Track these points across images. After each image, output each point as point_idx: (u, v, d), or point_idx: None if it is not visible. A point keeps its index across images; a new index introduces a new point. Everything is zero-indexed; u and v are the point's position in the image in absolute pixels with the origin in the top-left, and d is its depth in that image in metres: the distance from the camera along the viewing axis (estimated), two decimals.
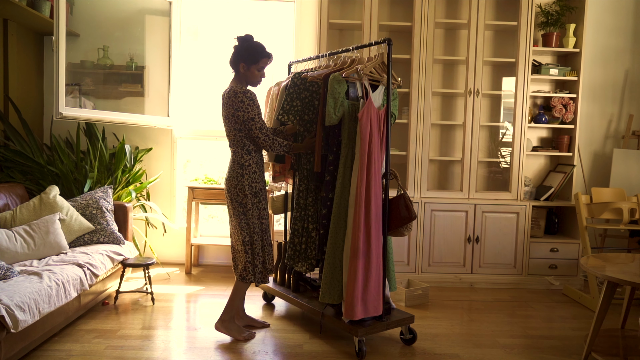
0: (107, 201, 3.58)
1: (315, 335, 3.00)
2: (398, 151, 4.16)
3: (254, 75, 2.85)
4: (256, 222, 2.86)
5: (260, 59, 2.82)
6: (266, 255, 2.92)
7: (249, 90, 2.78)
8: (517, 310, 3.57)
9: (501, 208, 4.06)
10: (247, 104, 2.74)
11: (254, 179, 2.84)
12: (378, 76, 2.83)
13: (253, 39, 2.84)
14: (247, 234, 2.85)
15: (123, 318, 3.18)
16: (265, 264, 2.92)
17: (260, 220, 2.88)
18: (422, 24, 3.99)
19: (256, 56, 2.81)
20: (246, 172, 2.82)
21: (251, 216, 2.85)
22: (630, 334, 2.92)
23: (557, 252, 4.09)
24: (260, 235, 2.88)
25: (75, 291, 2.82)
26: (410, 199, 2.80)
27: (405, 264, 4.04)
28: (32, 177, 3.79)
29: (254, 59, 2.81)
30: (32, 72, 4.09)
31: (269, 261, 2.92)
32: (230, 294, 2.95)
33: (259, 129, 2.78)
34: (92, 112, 3.85)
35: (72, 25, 3.77)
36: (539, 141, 4.47)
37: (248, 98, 2.75)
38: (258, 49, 2.83)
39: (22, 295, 2.37)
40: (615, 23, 4.43)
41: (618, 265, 2.69)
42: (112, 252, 3.34)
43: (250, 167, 2.83)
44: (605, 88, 4.48)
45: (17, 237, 2.98)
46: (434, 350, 2.83)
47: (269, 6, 4.44)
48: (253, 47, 2.82)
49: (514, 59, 4.09)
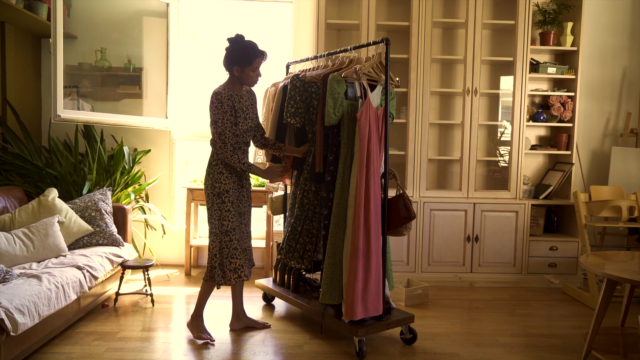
0: (106, 203, 3.58)
1: (315, 335, 3.00)
2: (397, 151, 4.16)
3: (249, 76, 2.78)
4: (215, 223, 2.80)
5: (253, 59, 2.73)
6: (224, 257, 2.82)
7: (220, 93, 2.71)
8: (517, 309, 3.57)
9: (500, 207, 4.06)
10: (215, 106, 2.69)
11: (218, 179, 2.78)
12: (376, 76, 2.83)
13: (244, 39, 2.76)
14: (210, 233, 2.84)
15: (123, 320, 3.18)
16: (223, 266, 2.83)
17: (221, 221, 2.80)
18: (420, 24, 3.99)
19: (249, 58, 2.72)
20: (212, 171, 2.79)
21: (210, 216, 2.81)
22: (630, 332, 2.93)
23: (557, 251, 4.10)
24: (219, 237, 2.81)
25: (74, 294, 2.82)
26: (409, 199, 2.80)
27: (404, 264, 4.04)
28: (30, 179, 3.79)
29: (247, 60, 2.73)
30: (29, 75, 4.09)
31: (227, 264, 2.82)
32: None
33: (218, 134, 2.72)
34: (90, 114, 3.85)
35: (70, 28, 3.76)
36: (538, 140, 4.47)
37: (217, 100, 2.69)
38: (250, 50, 2.73)
39: (21, 298, 2.37)
40: (613, 21, 4.43)
41: (617, 263, 2.69)
42: (112, 254, 3.34)
43: (217, 167, 2.79)
44: (603, 86, 4.48)
45: (16, 240, 2.98)
46: (435, 349, 2.83)
47: (266, 7, 4.44)
48: (244, 48, 2.72)
49: (512, 58, 4.09)
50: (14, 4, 3.42)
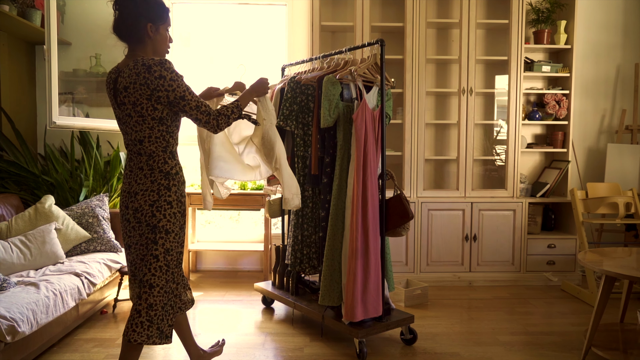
0: (103, 209, 3.57)
1: (315, 338, 2.99)
2: (393, 151, 4.17)
3: (164, 39, 2.13)
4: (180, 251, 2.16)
5: (167, 14, 2.12)
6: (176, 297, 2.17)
7: (166, 60, 2.00)
8: (516, 307, 3.58)
9: (498, 206, 4.07)
10: (171, 79, 1.98)
11: (183, 192, 2.16)
12: (372, 77, 2.83)
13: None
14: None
15: (122, 326, 3.16)
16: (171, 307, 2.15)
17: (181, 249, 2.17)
18: (414, 24, 4.00)
19: (162, 11, 2.10)
20: (173, 182, 2.10)
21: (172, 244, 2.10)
22: (629, 328, 2.93)
23: (555, 248, 4.11)
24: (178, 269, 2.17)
25: (73, 301, 2.80)
26: (407, 199, 2.80)
27: (403, 264, 4.04)
28: (26, 187, 3.77)
29: (162, 15, 2.09)
30: (24, 82, 4.08)
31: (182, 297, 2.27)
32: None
33: (195, 108, 2.05)
34: (86, 121, 3.84)
35: (64, 34, 3.75)
36: (533, 138, 4.48)
37: (169, 70, 1.98)
38: (159, 1, 2.10)
39: (19, 306, 2.35)
40: (606, 19, 4.45)
41: (615, 259, 2.70)
42: (110, 260, 3.33)
43: (179, 176, 2.15)
44: (597, 84, 4.50)
45: (13, 248, 2.96)
46: (435, 349, 2.83)
47: (260, 10, 4.45)
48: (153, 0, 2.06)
49: (506, 57, 4.10)
50: (8, 11, 3.42)
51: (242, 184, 4.23)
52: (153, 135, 2.05)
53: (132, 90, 1.98)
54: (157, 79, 1.96)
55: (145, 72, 1.95)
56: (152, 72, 1.95)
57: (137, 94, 1.98)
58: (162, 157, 2.08)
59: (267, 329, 3.14)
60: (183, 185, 2.17)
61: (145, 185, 2.06)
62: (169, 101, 2.00)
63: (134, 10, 2.04)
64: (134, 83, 1.97)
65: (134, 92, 1.98)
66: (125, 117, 2.06)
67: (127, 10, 2.04)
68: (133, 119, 2.04)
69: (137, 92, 1.97)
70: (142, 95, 1.98)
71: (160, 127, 2.06)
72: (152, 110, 2.01)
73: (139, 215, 2.05)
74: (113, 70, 2.11)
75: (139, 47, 2.08)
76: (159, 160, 2.08)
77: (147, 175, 2.06)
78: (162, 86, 1.97)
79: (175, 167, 2.13)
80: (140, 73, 1.95)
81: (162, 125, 2.06)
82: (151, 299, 2.05)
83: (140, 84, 1.96)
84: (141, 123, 2.03)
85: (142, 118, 2.02)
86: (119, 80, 2.03)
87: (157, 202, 2.05)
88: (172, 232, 2.09)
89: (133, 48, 2.09)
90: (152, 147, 2.06)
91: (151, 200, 2.05)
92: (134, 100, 1.99)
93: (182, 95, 2.01)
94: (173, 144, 2.14)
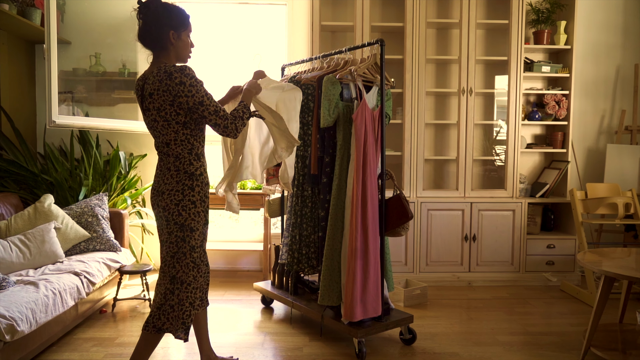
0: (102, 208, 3.57)
1: (315, 337, 2.99)
2: (393, 151, 4.17)
3: (186, 45, 2.20)
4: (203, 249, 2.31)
5: (188, 21, 2.20)
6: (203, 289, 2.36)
7: (186, 67, 2.08)
8: (515, 307, 3.58)
9: (497, 206, 4.07)
10: (190, 84, 2.05)
11: (206, 193, 2.25)
12: (371, 77, 2.83)
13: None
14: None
15: (121, 325, 3.16)
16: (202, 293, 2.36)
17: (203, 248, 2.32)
18: (414, 24, 4.00)
19: (184, 18, 2.18)
20: (197, 183, 2.20)
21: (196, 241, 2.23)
22: (628, 328, 2.93)
23: (554, 249, 4.11)
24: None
25: (72, 300, 2.80)
26: (406, 199, 2.80)
27: (403, 264, 4.05)
28: (26, 186, 3.77)
29: (183, 21, 2.17)
30: (23, 81, 4.07)
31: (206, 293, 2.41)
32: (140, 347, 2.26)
33: (214, 113, 2.10)
34: (86, 120, 3.84)
35: (63, 33, 3.75)
36: (533, 138, 4.48)
37: (188, 76, 2.05)
38: (180, 9, 2.18)
39: (18, 305, 2.35)
40: (606, 19, 4.46)
41: (615, 260, 2.70)
42: (109, 260, 3.33)
43: (203, 177, 2.23)
44: (597, 84, 4.50)
45: (12, 247, 2.96)
46: (434, 349, 2.83)
47: (260, 10, 4.44)
48: (173, 7, 2.16)
49: (506, 57, 4.10)
50: (7, 10, 3.42)
51: (241, 183, 4.22)
52: (178, 139, 2.15)
53: (157, 96, 2.08)
54: (178, 85, 2.04)
55: (166, 79, 2.05)
56: (172, 78, 2.04)
57: (160, 99, 2.08)
58: (187, 158, 2.18)
59: (267, 328, 3.15)
60: (207, 186, 2.26)
61: (171, 185, 2.17)
62: (188, 107, 2.09)
63: (156, 19, 2.12)
64: (158, 90, 2.07)
65: (158, 98, 2.08)
66: (152, 121, 2.17)
67: (150, 19, 2.13)
68: (159, 124, 2.14)
69: (161, 98, 2.08)
70: (165, 101, 2.08)
71: (185, 130, 2.15)
72: (175, 115, 2.11)
73: (167, 214, 2.18)
74: (140, 78, 2.22)
75: (162, 54, 2.17)
76: (185, 161, 2.18)
77: (174, 176, 2.17)
78: (183, 92, 2.05)
79: (199, 169, 2.22)
80: (163, 80, 2.05)
81: (187, 129, 2.16)
82: (182, 295, 2.19)
83: (163, 90, 2.06)
84: (166, 127, 2.14)
85: (167, 122, 2.13)
86: (145, 87, 2.14)
87: (182, 202, 2.16)
88: (197, 230, 2.21)
89: (157, 55, 2.18)
90: (178, 150, 2.16)
91: (177, 199, 2.16)
92: (158, 105, 2.10)
93: (201, 101, 2.08)
94: (198, 146, 2.22)
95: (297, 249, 3.08)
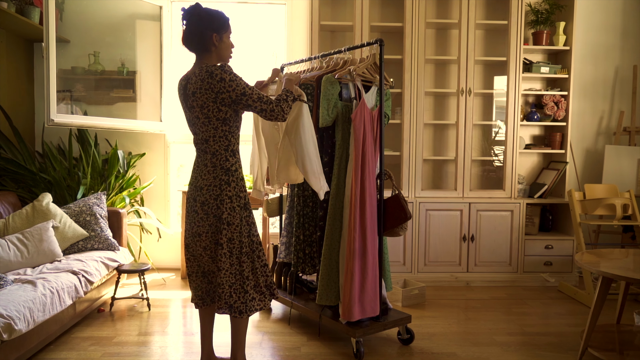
0: (100, 207, 3.56)
1: (313, 337, 2.99)
2: (392, 151, 4.17)
3: (227, 46, 2.32)
4: (245, 242, 2.33)
5: (229, 23, 2.33)
6: (259, 276, 2.38)
7: (224, 65, 2.22)
8: (513, 307, 3.58)
9: (495, 206, 4.07)
10: (230, 79, 2.18)
11: (241, 187, 2.33)
12: (370, 77, 2.83)
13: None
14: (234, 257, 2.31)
15: (119, 325, 3.16)
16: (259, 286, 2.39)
17: (251, 238, 2.36)
18: (413, 24, 4.00)
19: (224, 21, 2.30)
20: (232, 178, 2.29)
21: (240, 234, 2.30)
22: (625, 329, 2.94)
23: (552, 249, 4.11)
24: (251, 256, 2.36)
25: (70, 299, 2.80)
26: (405, 199, 2.81)
27: (401, 264, 4.05)
28: (24, 184, 3.76)
29: (224, 24, 2.29)
30: (22, 79, 4.07)
31: (263, 282, 2.40)
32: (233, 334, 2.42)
33: (258, 100, 2.23)
34: (84, 118, 3.83)
35: (62, 32, 3.74)
36: (532, 139, 4.49)
37: (227, 72, 2.19)
38: (220, 12, 2.31)
39: (16, 304, 2.35)
40: (605, 20, 4.46)
41: (612, 260, 2.71)
42: (107, 259, 3.32)
43: (238, 173, 2.33)
44: (595, 85, 4.51)
45: (10, 245, 2.96)
46: (432, 349, 2.84)
47: (260, 9, 4.44)
48: (214, 12, 2.29)
49: (505, 58, 4.11)
50: (6, 8, 3.41)
51: None
52: (217, 135, 2.27)
53: (199, 94, 2.20)
54: (219, 82, 2.17)
55: (208, 78, 2.17)
56: (213, 76, 2.17)
57: (203, 97, 2.20)
58: (224, 155, 2.29)
59: (265, 328, 3.14)
60: (242, 181, 2.35)
61: (209, 180, 2.28)
62: (232, 100, 2.21)
63: (199, 24, 2.25)
64: (200, 89, 2.19)
65: (201, 97, 2.20)
66: (194, 119, 2.29)
67: (194, 24, 2.25)
68: (200, 120, 2.26)
69: (204, 96, 2.20)
70: (208, 98, 2.20)
71: (224, 127, 2.26)
72: (217, 112, 2.23)
73: (207, 208, 2.27)
74: (183, 78, 2.34)
75: (205, 56, 2.30)
76: (221, 157, 2.28)
77: (211, 172, 2.28)
78: (224, 88, 2.18)
79: (235, 165, 2.32)
80: (205, 79, 2.18)
81: (225, 126, 2.27)
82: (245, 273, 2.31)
83: (205, 89, 2.18)
84: (207, 124, 2.25)
85: (207, 119, 2.24)
86: (188, 87, 2.26)
87: (220, 197, 2.26)
88: (233, 224, 2.28)
89: (200, 56, 2.30)
90: (215, 146, 2.28)
91: (215, 194, 2.26)
92: (201, 103, 2.22)
93: (243, 92, 2.21)
94: (234, 143, 2.33)
95: (301, 249, 3.08)
